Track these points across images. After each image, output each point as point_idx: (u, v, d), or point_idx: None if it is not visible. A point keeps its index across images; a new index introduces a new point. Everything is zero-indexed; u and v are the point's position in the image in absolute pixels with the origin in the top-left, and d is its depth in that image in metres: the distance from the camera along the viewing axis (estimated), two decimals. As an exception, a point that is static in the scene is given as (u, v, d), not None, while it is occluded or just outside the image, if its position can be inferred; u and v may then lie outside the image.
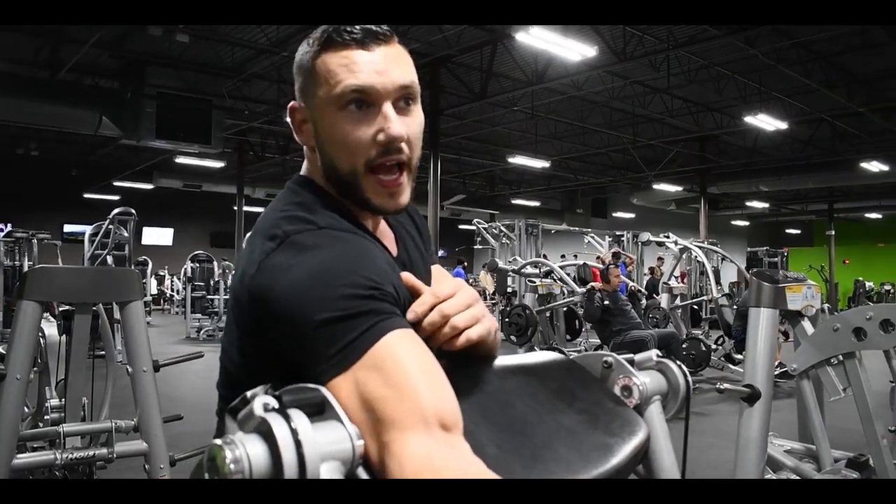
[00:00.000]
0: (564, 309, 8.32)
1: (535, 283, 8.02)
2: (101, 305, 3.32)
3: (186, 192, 20.18)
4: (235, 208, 19.12)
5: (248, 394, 0.81)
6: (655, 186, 20.30)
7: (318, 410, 0.74)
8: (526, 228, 13.26)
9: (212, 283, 13.16)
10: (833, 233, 25.37)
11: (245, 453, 0.67)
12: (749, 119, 13.08)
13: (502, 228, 13.34)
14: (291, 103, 1.03)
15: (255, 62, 11.91)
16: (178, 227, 24.89)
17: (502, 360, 1.09)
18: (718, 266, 11.36)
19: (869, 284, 21.11)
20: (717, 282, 9.11)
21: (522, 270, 8.90)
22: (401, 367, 0.78)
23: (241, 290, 0.91)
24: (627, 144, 17.58)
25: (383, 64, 0.97)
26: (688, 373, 1.38)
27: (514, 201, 25.02)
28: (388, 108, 0.96)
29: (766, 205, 24.93)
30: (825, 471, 2.74)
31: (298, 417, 0.69)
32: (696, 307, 9.48)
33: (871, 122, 15.05)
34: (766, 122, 13.20)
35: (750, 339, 2.85)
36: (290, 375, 0.79)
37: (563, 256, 16.54)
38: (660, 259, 15.70)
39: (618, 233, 15.36)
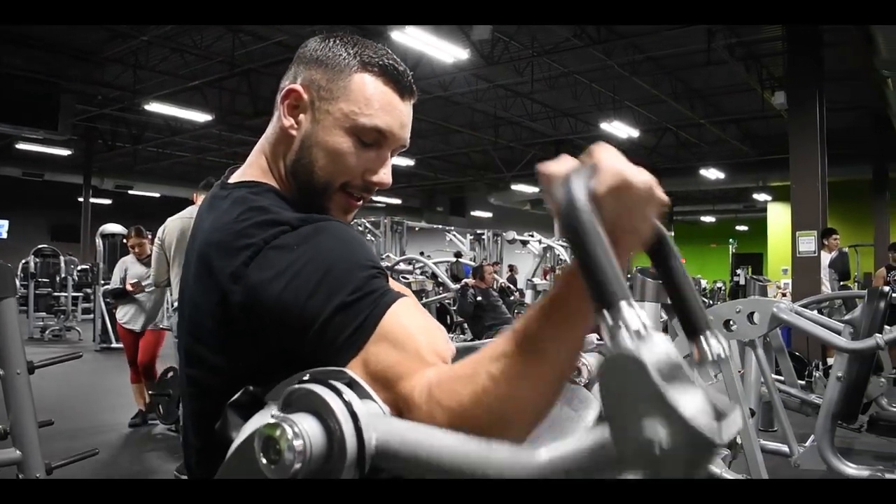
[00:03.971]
0: (437, 305, 8.48)
1: (408, 279, 8.12)
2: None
3: (26, 180, 18.66)
4: (81, 200, 17.96)
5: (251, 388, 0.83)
6: (513, 187, 20.96)
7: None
8: (391, 226, 13.36)
9: (58, 279, 12.30)
10: (672, 234, 27.20)
11: (304, 429, 0.66)
12: (605, 126, 13.82)
13: (367, 225, 13.35)
14: (293, 86, 1.03)
15: (111, 45, 11.25)
16: (14, 218, 23.00)
17: (464, 346, 1.17)
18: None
19: (703, 282, 22.81)
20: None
21: (395, 267, 8.98)
22: (406, 330, 0.82)
23: (216, 304, 0.91)
24: (488, 146, 18.07)
25: (406, 119, 1.05)
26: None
27: (373, 198, 25.00)
28: (389, 155, 1.05)
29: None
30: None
31: (347, 392, 0.70)
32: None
33: (709, 132, 16.34)
34: (619, 130, 13.99)
35: (634, 331, 3.08)
36: (290, 370, 0.79)
37: (421, 253, 16.75)
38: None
39: (478, 231, 15.75)
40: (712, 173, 17.65)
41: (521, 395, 0.72)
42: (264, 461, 0.66)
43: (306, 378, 0.73)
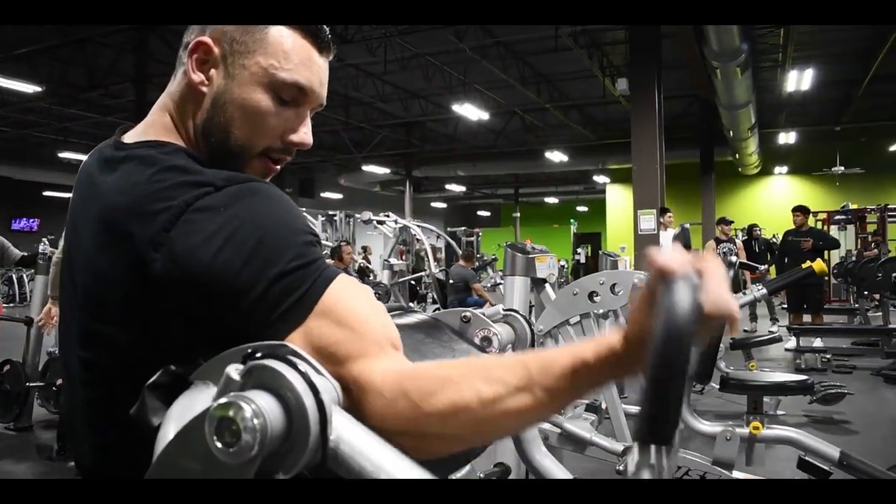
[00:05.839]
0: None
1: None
2: None
3: None
4: None
5: (172, 367, 0.77)
6: (364, 168, 20.90)
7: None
8: (241, 207, 12.94)
9: None
10: (518, 215, 28.23)
11: (262, 407, 0.60)
12: (456, 108, 14.05)
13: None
14: (202, 38, 0.94)
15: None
16: None
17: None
18: (436, 244, 12.13)
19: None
20: (435, 258, 9.72)
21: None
22: (351, 307, 0.80)
23: (129, 275, 0.82)
24: (338, 126, 17.86)
25: (325, 76, 0.99)
26: (532, 323, 1.56)
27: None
28: (308, 115, 0.99)
29: (463, 188, 26.97)
30: (569, 415, 3.14)
31: (302, 364, 0.65)
32: (413, 282, 10.02)
33: (554, 117, 17.03)
34: (470, 112, 14.28)
35: (506, 304, 3.16)
36: (218, 346, 0.73)
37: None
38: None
39: (330, 212, 15.56)
40: (556, 156, 18.44)
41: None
42: (219, 445, 0.60)
43: (249, 352, 0.66)
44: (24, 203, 21.35)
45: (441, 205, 31.60)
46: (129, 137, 0.97)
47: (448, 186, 25.82)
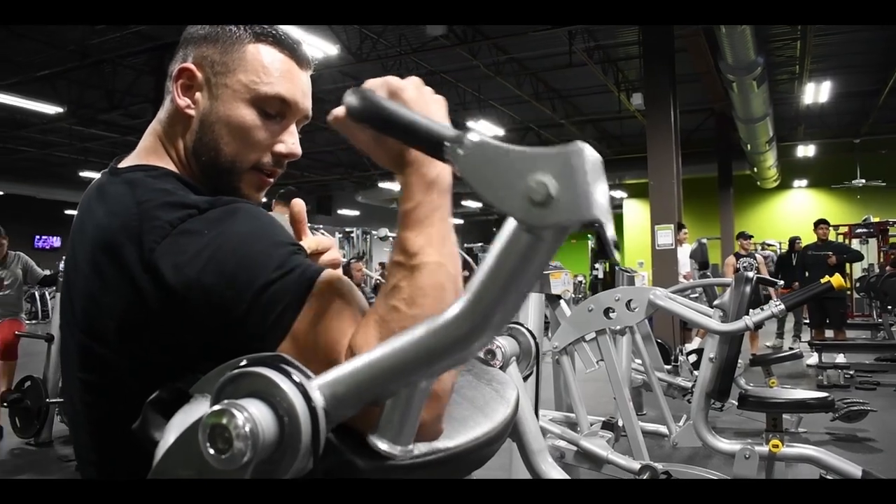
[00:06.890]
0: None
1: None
2: None
3: None
4: None
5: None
6: (381, 185, 20.98)
7: None
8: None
9: None
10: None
11: (254, 414, 0.60)
12: (471, 124, 14.09)
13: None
14: (185, 64, 0.98)
15: (-59, 31, 10.26)
16: None
17: None
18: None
19: (565, 276, 23.71)
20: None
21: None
22: (338, 299, 0.78)
23: (123, 297, 0.83)
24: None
25: (307, 88, 1.03)
26: (535, 335, 1.56)
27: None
28: (294, 127, 1.02)
29: (479, 204, 27.00)
30: (585, 433, 3.11)
31: (295, 372, 0.65)
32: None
33: (569, 133, 17.01)
34: (486, 129, 14.33)
35: (521, 321, 3.14)
36: (212, 362, 0.72)
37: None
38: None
39: (347, 229, 15.66)
40: (571, 171, 18.41)
41: (426, 309, 0.72)
42: (212, 452, 0.60)
43: (243, 364, 0.66)
44: (46, 222, 21.67)
45: (458, 221, 31.68)
46: (124, 164, 1.00)
47: (464, 203, 25.85)
